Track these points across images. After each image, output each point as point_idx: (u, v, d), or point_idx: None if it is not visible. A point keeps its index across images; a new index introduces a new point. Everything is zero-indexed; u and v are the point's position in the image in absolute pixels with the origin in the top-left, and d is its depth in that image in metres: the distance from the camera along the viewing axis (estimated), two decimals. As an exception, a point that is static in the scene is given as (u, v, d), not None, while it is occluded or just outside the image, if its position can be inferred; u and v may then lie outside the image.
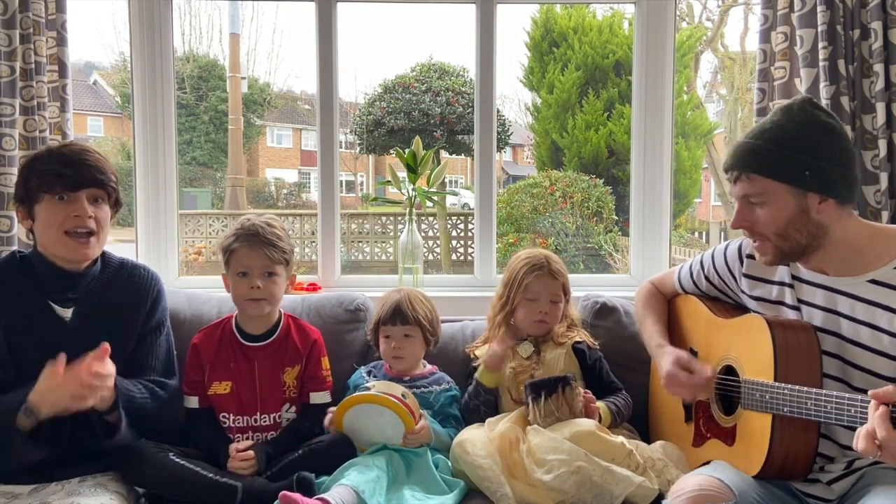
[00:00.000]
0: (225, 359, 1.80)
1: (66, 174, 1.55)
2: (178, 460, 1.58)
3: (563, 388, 1.67)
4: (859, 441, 1.14)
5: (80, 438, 1.57)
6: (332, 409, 1.74)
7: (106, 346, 1.45)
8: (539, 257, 1.89)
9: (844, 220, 1.40)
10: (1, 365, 1.53)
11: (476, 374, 1.85)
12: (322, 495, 1.46)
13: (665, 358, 1.62)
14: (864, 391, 1.19)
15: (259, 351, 1.80)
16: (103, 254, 1.68)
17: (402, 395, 1.71)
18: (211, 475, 1.58)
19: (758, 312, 1.54)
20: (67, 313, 1.60)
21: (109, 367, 1.45)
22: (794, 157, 1.36)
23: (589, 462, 1.52)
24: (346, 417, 1.70)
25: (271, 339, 1.82)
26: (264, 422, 1.78)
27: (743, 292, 1.60)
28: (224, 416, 1.77)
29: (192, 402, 1.79)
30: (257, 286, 1.75)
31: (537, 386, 1.68)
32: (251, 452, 1.66)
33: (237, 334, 1.82)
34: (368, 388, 1.72)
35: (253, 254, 1.76)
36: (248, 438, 1.75)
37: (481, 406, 1.83)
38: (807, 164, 1.37)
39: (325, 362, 1.87)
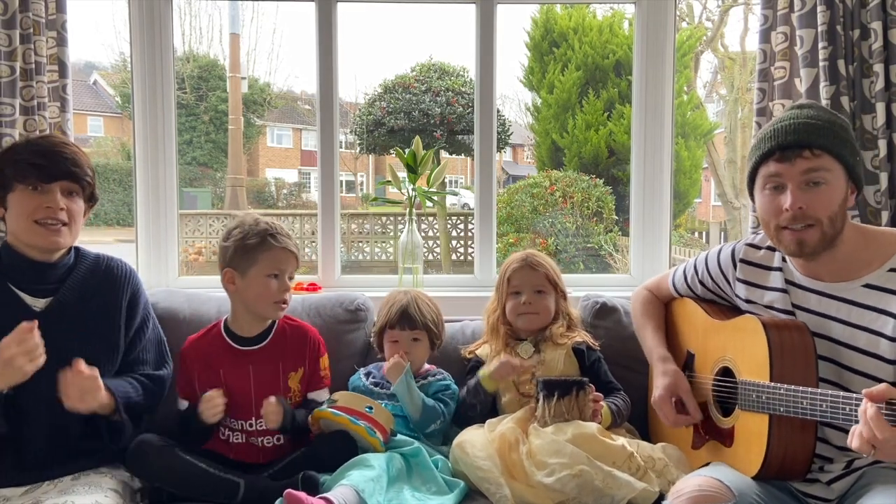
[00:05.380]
0: (215, 366, 1.75)
1: (41, 164, 1.53)
2: (183, 455, 1.58)
3: (578, 391, 1.66)
4: (853, 439, 1.15)
5: (73, 435, 1.57)
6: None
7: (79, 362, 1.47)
8: (522, 253, 1.95)
9: (848, 218, 1.42)
10: None
11: (479, 374, 1.83)
12: (325, 495, 1.46)
13: (663, 380, 1.62)
14: None
15: (254, 354, 1.76)
16: (77, 249, 1.67)
17: (367, 408, 1.69)
18: (215, 471, 1.58)
19: (752, 313, 1.54)
20: (39, 303, 1.58)
21: (90, 370, 1.47)
22: (850, 140, 1.40)
23: (591, 466, 1.52)
24: (320, 424, 1.72)
25: (266, 341, 1.79)
26: (261, 426, 1.73)
27: (737, 296, 1.60)
28: (221, 419, 1.73)
29: (184, 404, 1.76)
30: (288, 287, 1.76)
31: (551, 385, 1.68)
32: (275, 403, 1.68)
33: (228, 339, 1.78)
34: (334, 401, 1.71)
35: (289, 256, 1.76)
36: (245, 438, 1.74)
37: (478, 405, 1.83)
38: (855, 150, 1.42)
39: (324, 361, 1.85)
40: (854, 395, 1.21)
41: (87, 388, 1.46)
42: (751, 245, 1.59)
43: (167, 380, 1.74)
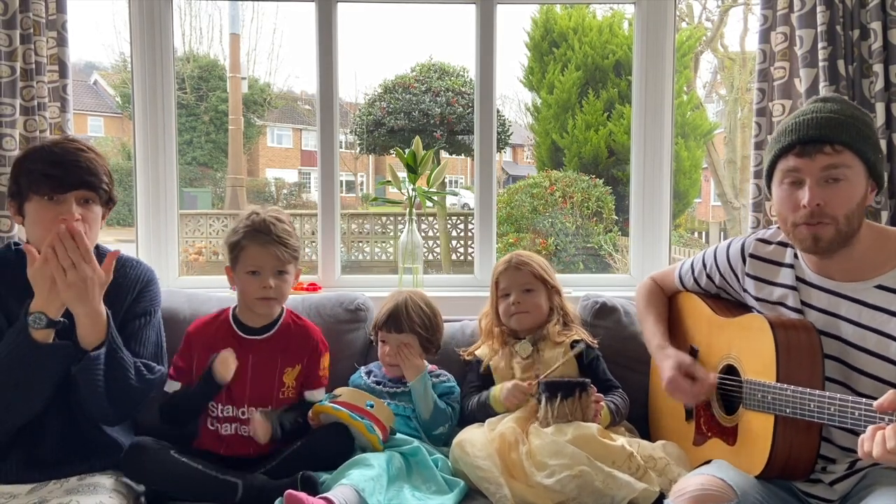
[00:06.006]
0: (217, 350, 1.75)
1: (54, 175, 1.51)
2: (179, 457, 1.58)
3: (581, 393, 1.66)
4: (866, 443, 1.14)
5: (79, 434, 1.57)
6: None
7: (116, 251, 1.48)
8: (507, 255, 1.96)
9: (864, 218, 1.40)
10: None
11: (490, 395, 1.83)
12: (325, 494, 1.46)
13: (667, 362, 1.60)
14: (869, 396, 1.19)
15: (255, 344, 1.78)
16: (98, 248, 1.65)
17: (368, 405, 1.70)
18: (212, 472, 1.57)
19: (759, 312, 1.54)
20: None
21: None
22: (872, 137, 1.38)
23: (591, 467, 1.52)
24: (320, 419, 1.73)
25: (269, 333, 1.80)
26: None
27: (745, 291, 1.60)
28: (212, 405, 1.74)
29: (174, 386, 1.74)
30: (270, 285, 1.73)
31: (554, 386, 1.68)
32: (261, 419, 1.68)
33: (234, 326, 1.81)
34: (336, 396, 1.72)
35: (264, 253, 1.73)
36: (234, 430, 1.74)
37: (481, 416, 1.83)
38: (878, 147, 1.39)
39: (325, 361, 1.85)
40: (864, 400, 1.20)
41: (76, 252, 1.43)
42: (761, 240, 1.58)
43: (159, 377, 1.66)
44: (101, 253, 1.67)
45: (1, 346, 1.45)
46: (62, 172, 1.52)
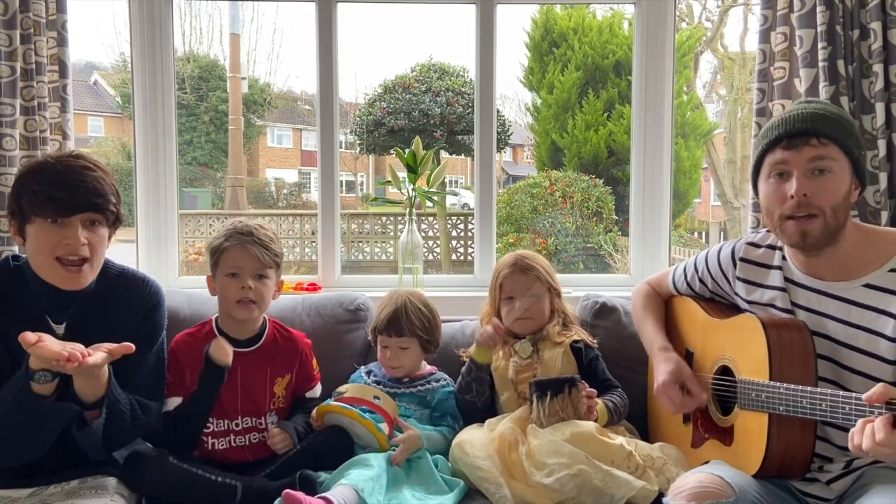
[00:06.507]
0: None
1: (59, 198, 1.43)
2: (178, 463, 1.57)
3: (570, 388, 1.67)
4: (856, 437, 1.15)
5: (77, 452, 1.53)
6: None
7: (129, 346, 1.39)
8: (511, 257, 1.95)
9: (850, 215, 1.42)
10: (2, 373, 1.45)
11: (469, 351, 1.88)
12: (324, 494, 1.46)
13: (666, 366, 1.61)
14: (860, 393, 1.20)
15: (244, 356, 1.75)
16: (105, 265, 1.61)
17: (375, 398, 1.71)
18: (210, 475, 1.57)
19: (752, 312, 1.54)
20: (60, 329, 1.52)
21: (100, 360, 1.36)
22: (856, 135, 1.41)
23: (590, 465, 1.53)
24: (324, 420, 1.73)
25: (256, 345, 1.78)
26: (246, 424, 1.74)
27: (737, 294, 1.60)
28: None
29: (175, 401, 1.70)
30: (249, 286, 1.70)
31: (543, 385, 1.68)
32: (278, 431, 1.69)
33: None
34: (342, 393, 1.73)
35: (245, 254, 1.71)
36: (228, 443, 1.72)
37: (473, 383, 1.84)
38: (861, 145, 1.42)
39: (313, 362, 1.87)
40: (854, 395, 1.21)
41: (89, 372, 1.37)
42: (751, 243, 1.59)
43: (154, 414, 1.63)
44: (107, 269, 1.63)
45: (3, 397, 1.40)
46: (67, 195, 1.44)
